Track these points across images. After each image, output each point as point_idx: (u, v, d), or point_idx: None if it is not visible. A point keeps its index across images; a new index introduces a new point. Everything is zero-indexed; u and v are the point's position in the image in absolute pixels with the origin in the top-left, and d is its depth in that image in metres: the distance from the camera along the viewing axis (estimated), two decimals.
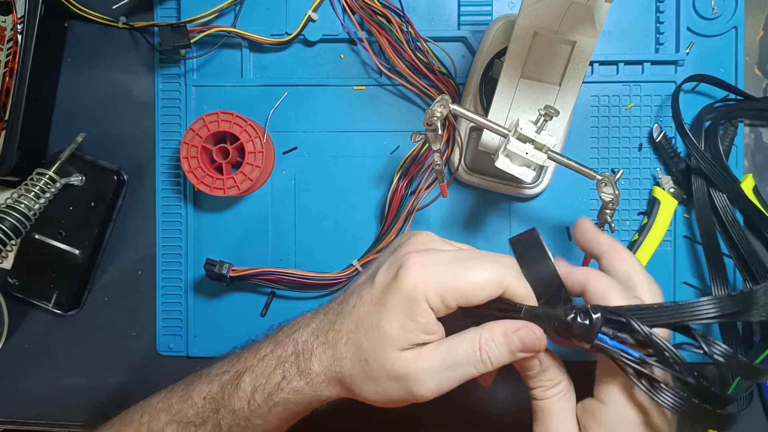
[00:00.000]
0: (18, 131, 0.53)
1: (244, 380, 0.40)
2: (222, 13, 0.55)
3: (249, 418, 0.40)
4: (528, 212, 0.55)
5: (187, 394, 0.43)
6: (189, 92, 0.57)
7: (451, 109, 0.43)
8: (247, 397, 0.40)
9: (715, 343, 0.33)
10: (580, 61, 0.44)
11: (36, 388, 0.58)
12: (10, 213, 0.52)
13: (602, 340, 0.34)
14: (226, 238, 0.57)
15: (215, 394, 0.41)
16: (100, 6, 0.56)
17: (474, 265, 0.36)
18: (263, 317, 0.57)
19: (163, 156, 0.57)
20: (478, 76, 0.52)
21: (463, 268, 0.36)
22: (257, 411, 0.40)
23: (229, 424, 0.41)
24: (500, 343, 0.36)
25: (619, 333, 0.34)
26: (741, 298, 0.33)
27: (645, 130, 0.54)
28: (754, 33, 0.55)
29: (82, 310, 0.58)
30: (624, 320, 0.33)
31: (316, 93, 0.56)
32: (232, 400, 0.40)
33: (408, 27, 0.53)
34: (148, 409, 0.44)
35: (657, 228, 0.53)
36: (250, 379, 0.40)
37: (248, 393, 0.40)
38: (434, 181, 0.54)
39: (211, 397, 0.41)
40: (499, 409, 0.56)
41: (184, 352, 0.57)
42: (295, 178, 0.57)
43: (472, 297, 0.36)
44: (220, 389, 0.41)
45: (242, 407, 0.40)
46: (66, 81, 0.58)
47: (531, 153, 0.42)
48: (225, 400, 0.41)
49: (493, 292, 0.36)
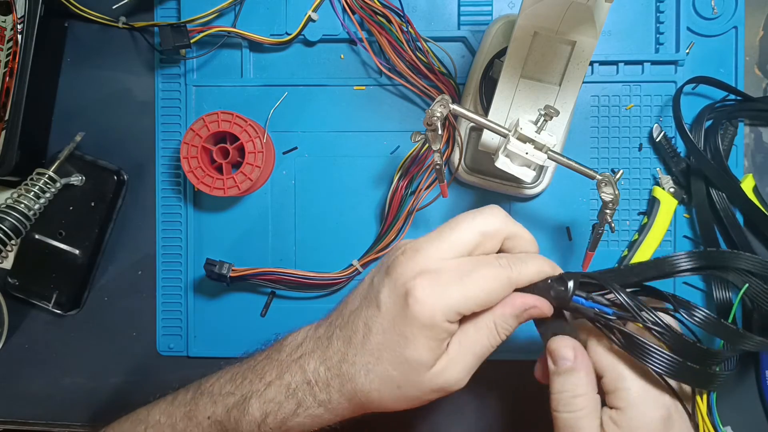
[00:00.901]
0: (18, 131, 0.53)
1: (251, 405, 0.40)
2: (222, 13, 0.55)
3: None
4: (528, 212, 0.55)
5: (191, 412, 0.42)
6: (189, 92, 0.57)
7: (451, 109, 0.43)
8: (257, 422, 0.40)
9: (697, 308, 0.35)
10: (580, 61, 0.44)
11: (36, 388, 0.58)
12: (10, 213, 0.52)
13: (578, 302, 0.37)
14: (226, 238, 0.57)
15: (220, 416, 0.41)
16: (100, 6, 0.56)
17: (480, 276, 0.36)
18: (263, 317, 0.57)
19: (163, 156, 0.57)
20: (478, 76, 0.52)
21: (472, 281, 0.36)
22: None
23: None
24: (513, 322, 0.38)
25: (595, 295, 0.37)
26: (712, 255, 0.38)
27: (645, 130, 0.54)
28: (754, 33, 0.55)
29: (82, 310, 0.58)
30: (596, 281, 0.37)
31: (316, 93, 0.56)
32: (240, 425, 0.40)
33: (408, 27, 0.53)
34: (151, 423, 0.43)
35: (657, 228, 0.53)
36: (259, 405, 0.40)
37: (258, 419, 0.40)
38: (434, 181, 0.54)
39: (216, 419, 0.41)
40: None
41: (184, 352, 0.57)
42: (295, 178, 0.57)
43: (488, 304, 0.37)
44: (225, 412, 0.41)
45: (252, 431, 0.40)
46: (66, 81, 0.58)
47: (531, 153, 0.42)
48: (232, 424, 0.40)
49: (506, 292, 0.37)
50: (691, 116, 0.54)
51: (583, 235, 0.55)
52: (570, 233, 0.55)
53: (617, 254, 0.55)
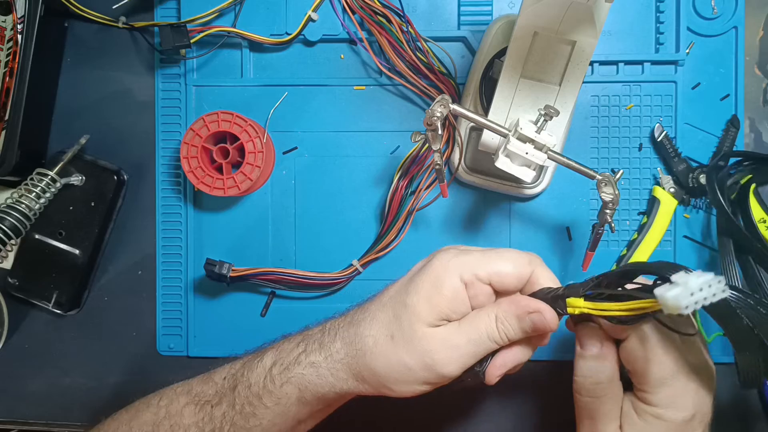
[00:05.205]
0: (18, 131, 0.53)
1: (266, 355, 0.41)
2: (222, 13, 0.55)
3: (261, 396, 0.40)
4: (528, 212, 0.55)
5: (208, 377, 0.44)
6: (189, 92, 0.57)
7: (451, 109, 0.43)
8: (265, 371, 0.40)
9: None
10: (580, 61, 0.44)
11: (36, 388, 0.58)
12: (10, 213, 0.52)
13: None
14: (226, 238, 0.57)
15: (236, 371, 0.42)
16: (100, 6, 0.56)
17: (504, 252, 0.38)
18: (263, 317, 0.57)
19: (163, 156, 0.57)
20: (478, 76, 0.52)
21: (495, 252, 0.38)
22: (269, 387, 0.40)
23: (242, 402, 0.41)
24: (514, 324, 0.37)
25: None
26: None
27: (645, 130, 0.54)
28: (754, 33, 0.55)
29: (82, 310, 0.58)
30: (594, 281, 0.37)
31: (316, 93, 0.56)
32: (251, 374, 0.41)
33: (408, 27, 0.53)
34: (167, 393, 0.45)
35: (656, 227, 0.53)
36: (273, 354, 0.41)
37: (267, 367, 0.41)
38: (434, 181, 0.54)
39: (231, 374, 0.42)
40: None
41: (184, 352, 0.57)
42: (295, 178, 0.57)
43: (504, 278, 0.38)
44: (242, 366, 0.42)
45: (258, 382, 0.40)
46: (66, 81, 0.58)
47: (531, 153, 0.42)
48: (244, 376, 0.41)
49: (524, 275, 0.38)
50: (691, 116, 0.54)
51: (583, 235, 0.55)
52: (570, 233, 0.55)
53: (617, 254, 0.55)
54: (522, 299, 0.38)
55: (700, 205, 0.54)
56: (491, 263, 0.38)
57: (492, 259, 0.38)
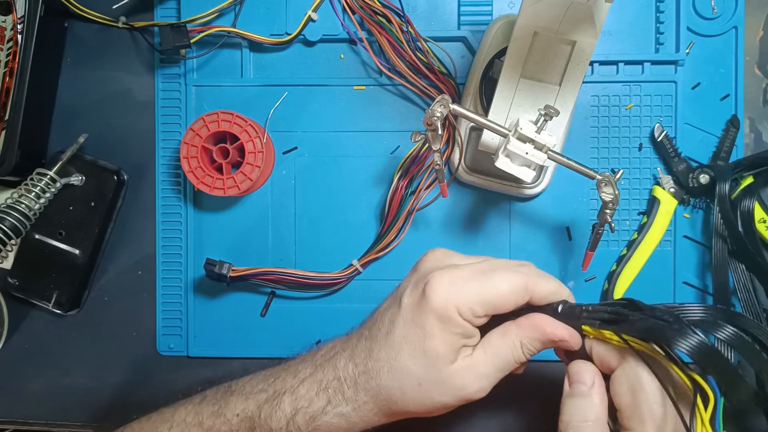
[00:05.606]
0: (18, 131, 0.53)
1: (284, 401, 0.40)
2: (222, 13, 0.55)
3: None
4: (528, 212, 0.55)
5: (219, 410, 0.43)
6: (189, 92, 0.57)
7: (451, 109, 0.43)
8: (287, 419, 0.40)
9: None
10: (580, 61, 0.44)
11: (36, 388, 0.58)
12: (10, 213, 0.52)
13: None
14: (226, 238, 0.57)
15: (251, 412, 0.41)
16: (100, 6, 0.56)
17: (498, 276, 0.38)
18: (263, 317, 0.57)
19: (163, 156, 0.57)
20: (478, 76, 0.52)
21: (489, 279, 0.38)
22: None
23: None
24: (539, 346, 0.39)
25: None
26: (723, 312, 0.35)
27: (645, 130, 0.54)
28: (754, 33, 0.55)
29: (82, 310, 0.58)
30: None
31: (316, 93, 0.56)
32: (270, 421, 0.40)
33: (408, 27, 0.53)
34: (176, 422, 0.43)
35: (656, 227, 0.53)
36: (291, 400, 0.40)
37: (288, 414, 0.40)
38: (434, 181, 0.54)
39: (246, 415, 0.41)
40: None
41: (184, 352, 0.57)
42: (295, 178, 0.57)
43: (500, 307, 0.38)
44: (256, 408, 0.41)
45: (280, 428, 0.40)
46: (66, 81, 0.58)
47: (531, 153, 0.42)
48: (262, 420, 0.41)
49: (521, 298, 0.38)
50: (691, 115, 0.54)
51: (583, 235, 0.55)
52: (570, 233, 0.55)
53: (617, 254, 0.55)
54: (546, 326, 0.38)
55: (700, 205, 0.54)
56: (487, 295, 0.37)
57: (487, 289, 0.37)
